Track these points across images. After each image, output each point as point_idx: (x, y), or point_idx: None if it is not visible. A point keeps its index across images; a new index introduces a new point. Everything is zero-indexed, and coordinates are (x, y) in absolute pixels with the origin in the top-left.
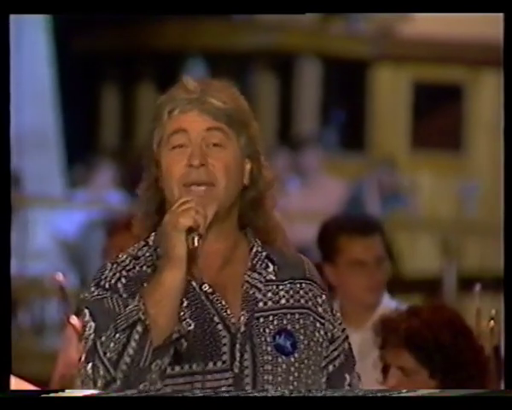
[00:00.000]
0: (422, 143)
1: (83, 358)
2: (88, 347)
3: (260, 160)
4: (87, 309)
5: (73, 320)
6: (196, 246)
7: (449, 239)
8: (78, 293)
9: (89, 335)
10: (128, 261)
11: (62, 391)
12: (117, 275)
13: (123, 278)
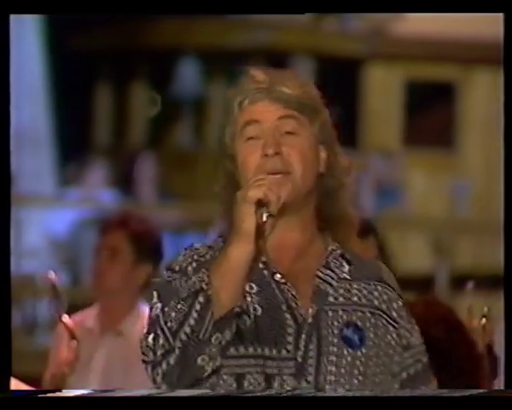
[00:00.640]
0: (415, 142)
1: (145, 330)
2: (152, 320)
3: (335, 146)
4: (155, 291)
5: (65, 319)
6: (265, 221)
7: (441, 237)
8: (69, 291)
9: (155, 315)
10: (202, 249)
11: (60, 391)
12: (188, 260)
13: (194, 262)
